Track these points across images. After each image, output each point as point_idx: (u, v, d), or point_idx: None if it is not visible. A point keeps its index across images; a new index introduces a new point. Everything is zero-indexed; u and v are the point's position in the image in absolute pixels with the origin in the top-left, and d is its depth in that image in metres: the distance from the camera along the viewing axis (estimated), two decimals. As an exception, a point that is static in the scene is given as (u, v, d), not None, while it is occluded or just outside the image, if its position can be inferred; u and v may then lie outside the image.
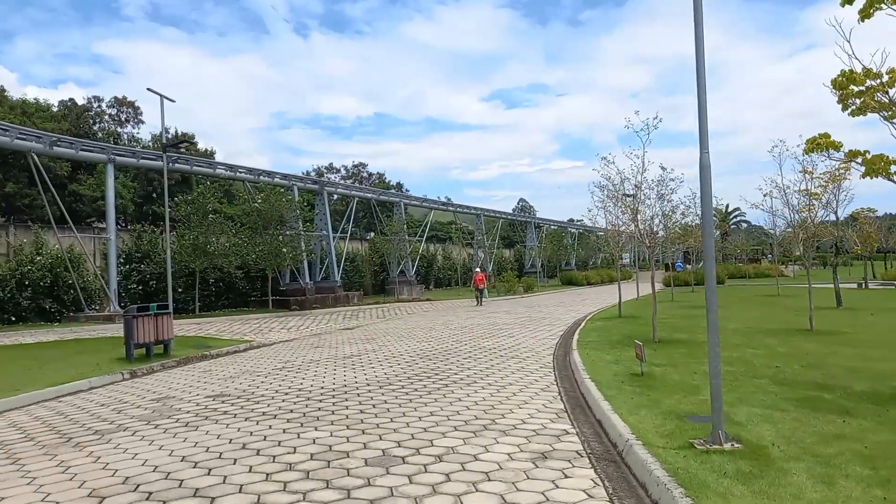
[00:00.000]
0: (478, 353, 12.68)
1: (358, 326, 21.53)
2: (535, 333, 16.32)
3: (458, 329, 18.13)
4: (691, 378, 8.64)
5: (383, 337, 16.92)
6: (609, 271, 63.67)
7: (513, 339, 15.15)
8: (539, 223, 64.21)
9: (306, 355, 13.60)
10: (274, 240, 26.53)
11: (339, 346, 15.28)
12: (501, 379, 9.55)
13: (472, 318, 22.39)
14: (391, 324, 21.59)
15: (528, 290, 42.72)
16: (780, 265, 62.65)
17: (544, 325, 18.48)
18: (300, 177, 31.58)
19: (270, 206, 26.68)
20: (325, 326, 21.93)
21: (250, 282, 30.03)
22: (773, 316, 18.47)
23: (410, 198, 42.80)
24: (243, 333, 19.91)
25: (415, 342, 15.13)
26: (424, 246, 47.74)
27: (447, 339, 15.61)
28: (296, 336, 19.06)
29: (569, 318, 21.26)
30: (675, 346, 11.92)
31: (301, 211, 30.42)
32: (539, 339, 14.87)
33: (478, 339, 15.18)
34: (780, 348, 11.60)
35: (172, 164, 25.60)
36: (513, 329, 17.62)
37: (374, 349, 14.05)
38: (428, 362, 11.55)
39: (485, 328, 18.14)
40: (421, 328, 19.05)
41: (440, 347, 13.80)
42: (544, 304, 29.09)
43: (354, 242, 41.05)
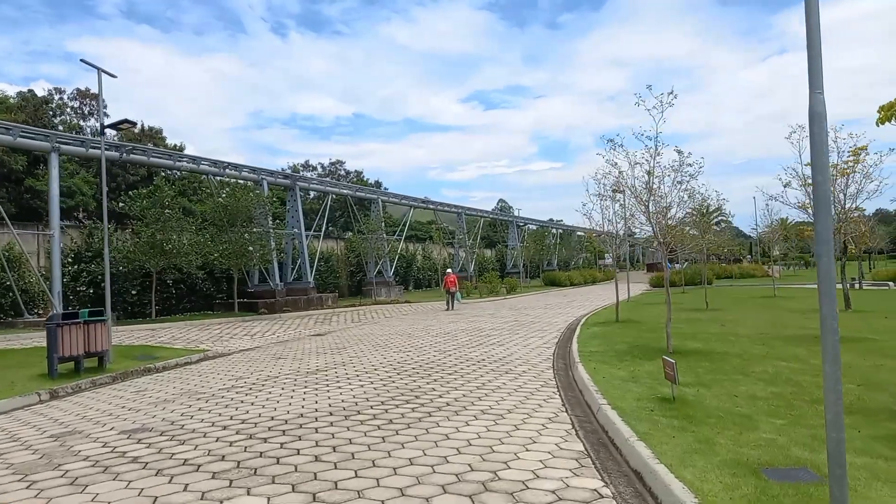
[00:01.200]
0: (465, 366, 10.89)
1: (330, 332, 19.60)
2: (526, 341, 14.58)
3: (441, 335, 16.32)
4: (734, 403, 6.94)
5: (356, 345, 15.03)
6: (592, 272, 62.43)
7: (503, 347, 13.38)
8: (521, 223, 62.69)
9: (264, 369, 11.67)
10: (240, 238, 24.43)
11: (304, 356, 13.36)
12: (497, 403, 7.76)
13: (455, 322, 20.59)
14: (366, 329, 19.70)
15: (510, 291, 41.07)
16: (764, 265, 62.01)
17: (535, 331, 16.75)
18: (270, 171, 29.49)
19: (236, 201, 24.58)
20: (294, 332, 19.95)
21: (215, 283, 27.87)
22: (783, 320, 16.98)
23: (388, 195, 40.82)
24: (200, 341, 17.85)
25: (392, 352, 13.28)
26: (403, 245, 45.83)
27: (429, 347, 13.79)
28: (259, 344, 17.08)
29: (560, 322, 19.58)
30: (695, 358, 10.25)
31: (271, 207, 28.33)
32: (532, 349, 13.13)
33: (463, 348, 13.38)
34: (815, 360, 9.99)
35: (127, 154, 23.38)
36: (501, 335, 15.86)
37: (345, 361, 12.16)
38: (407, 379, 9.72)
39: (470, 334, 16.36)
40: (399, 334, 17.20)
41: (421, 359, 11.97)
42: (530, 307, 27.41)
43: (329, 241, 39.00)
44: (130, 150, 23.47)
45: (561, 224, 76.15)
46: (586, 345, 12.56)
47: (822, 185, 3.75)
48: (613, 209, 16.99)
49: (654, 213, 10.87)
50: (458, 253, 50.72)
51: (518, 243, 59.52)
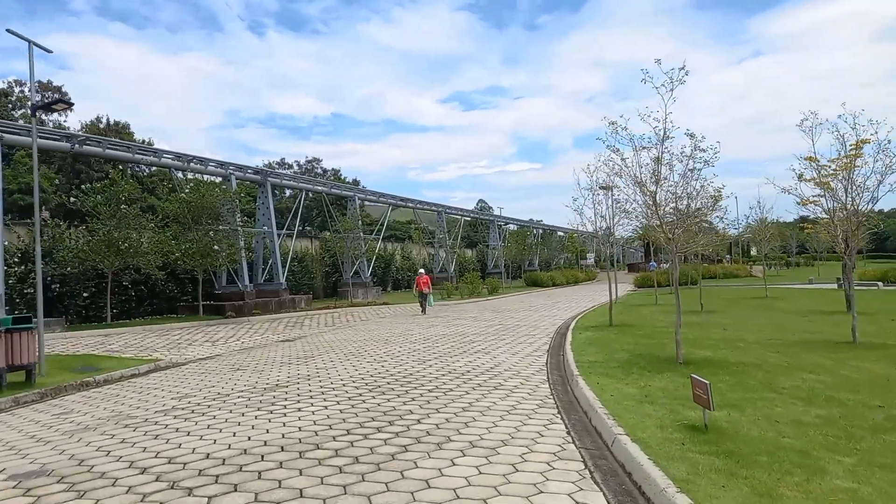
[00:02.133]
0: (448, 380, 9.50)
1: (300, 337, 18.07)
2: (514, 348, 13.25)
3: (420, 342, 14.92)
4: (778, 432, 5.66)
5: (327, 353, 13.56)
6: (574, 272, 61.49)
7: (489, 356, 12.02)
8: (502, 222, 61.51)
9: (217, 384, 10.16)
10: (204, 237, 22.75)
11: (267, 367, 11.86)
12: (488, 431, 6.39)
13: (435, 326, 19.19)
14: (340, 334, 18.21)
15: (492, 292, 39.79)
16: (746, 265, 61.67)
17: (522, 336, 15.43)
18: (239, 165, 27.78)
19: (200, 197, 22.89)
20: (260, 338, 18.38)
21: (179, 285, 26.09)
22: (784, 323, 15.90)
23: (366, 192, 39.20)
24: (154, 349, 16.22)
25: (365, 362, 11.83)
26: (382, 245, 44.31)
27: (406, 356, 12.38)
28: (220, 351, 15.52)
29: (547, 325, 18.30)
30: (710, 369, 8.99)
31: (240, 203, 26.66)
32: (522, 357, 11.79)
33: (445, 357, 12.00)
34: (843, 370, 8.83)
35: (79, 145, 21.56)
36: (486, 341, 14.51)
37: (311, 373, 10.69)
38: (380, 397, 8.30)
39: (452, 340, 14.98)
40: (374, 340, 15.75)
41: (398, 371, 10.55)
42: (514, 308, 26.13)
43: (304, 241, 37.32)
44: (83, 141, 21.65)
45: (542, 224, 75.20)
46: (582, 353, 11.25)
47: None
48: (607, 204, 15.77)
49: (660, 205, 9.59)
50: (437, 253, 49.33)
51: (499, 243, 58.32)
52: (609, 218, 15.89)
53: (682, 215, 9.55)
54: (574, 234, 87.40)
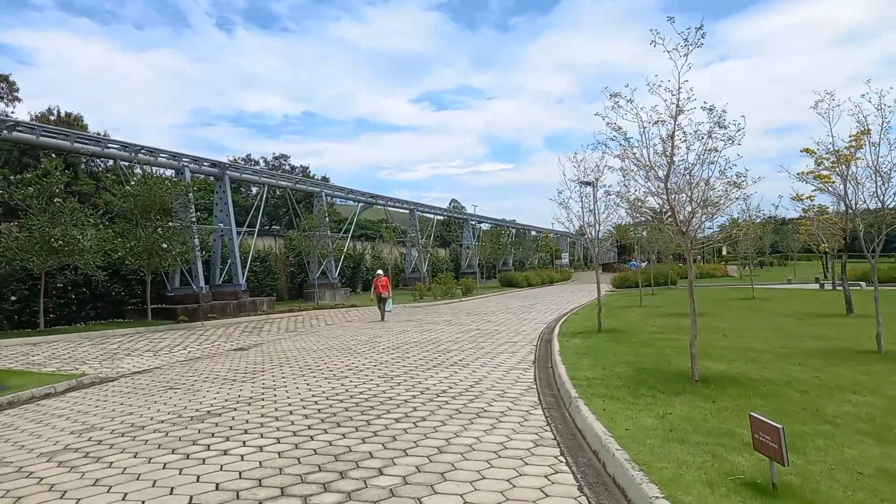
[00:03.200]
0: (419, 403, 7.83)
1: (255, 345, 16.20)
2: (495, 358, 11.64)
3: (388, 351, 13.21)
4: (871, 492, 4.14)
5: (280, 366, 11.75)
6: (549, 272, 60.35)
7: (467, 370, 10.38)
8: (477, 220, 60.02)
9: (137, 410, 8.30)
10: (151, 233, 20.63)
11: (206, 385, 10.02)
12: (473, 488, 4.74)
13: (406, 332, 17.49)
14: (299, 341, 16.38)
15: (466, 292, 38.23)
16: (721, 264, 61.34)
17: (503, 344, 13.84)
18: (195, 157, 25.62)
19: (147, 190, 20.76)
20: (210, 346, 16.45)
21: (127, 286, 23.89)
22: (785, 327, 14.62)
23: (333, 188, 37.16)
24: (84, 360, 14.20)
25: (323, 378, 10.08)
26: (351, 244, 42.37)
27: (371, 370, 10.66)
28: (160, 363, 13.58)
29: (529, 330, 16.76)
30: (735, 389, 7.50)
31: (194, 197, 24.56)
32: (506, 371, 10.18)
33: (416, 372, 10.32)
34: (888, 389, 7.43)
35: (8, 131, 19.28)
36: (463, 351, 12.87)
37: (254, 395, 8.90)
38: (333, 432, 6.59)
39: (424, 349, 13.30)
40: (337, 350, 13.99)
41: (360, 391, 8.84)
42: (491, 311, 24.56)
43: (267, 239, 35.22)
44: (12, 127, 19.36)
45: (516, 224, 73.99)
46: (576, 366, 9.68)
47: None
48: (596, 196, 14.25)
49: (673, 192, 8.05)
50: (410, 252, 47.55)
51: (473, 242, 56.82)
52: (597, 213, 14.39)
53: (697, 206, 8.02)
54: (549, 233, 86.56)
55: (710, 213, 8.15)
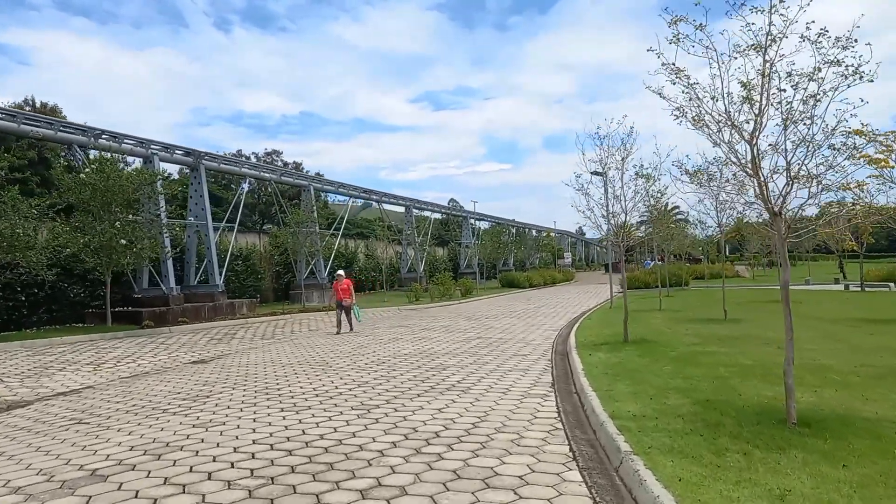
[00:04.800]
0: (400, 459, 5.45)
1: (219, 357, 13.83)
2: (503, 379, 9.27)
3: (371, 367, 10.82)
4: None
5: (233, 388, 9.36)
6: (551, 272, 58.02)
7: (468, 397, 8.00)
8: (477, 217, 57.64)
9: (17, 462, 5.91)
10: (109, 228, 18.23)
11: (123, 419, 7.63)
12: None
13: (397, 340, 15.12)
14: (271, 352, 14.00)
15: (466, 293, 35.87)
16: (730, 264, 59.07)
17: (511, 358, 11.46)
18: (166, 144, 23.19)
19: (105, 179, 18.35)
20: (167, 357, 14.06)
21: (88, 287, 21.48)
22: (853, 339, 12.25)
23: (323, 181, 34.65)
24: (6, 376, 11.81)
25: (276, 411, 7.69)
26: (343, 242, 39.98)
27: (344, 397, 8.27)
28: (95, 381, 11.22)
29: (538, 339, 14.39)
30: (860, 441, 5.13)
31: (165, 188, 22.17)
32: (519, 400, 7.80)
33: (402, 400, 7.94)
34: None
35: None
36: (462, 367, 10.49)
37: (175, 441, 6.50)
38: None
39: (415, 365, 10.92)
40: (311, 364, 11.60)
41: (320, 433, 6.45)
42: (493, 314, 22.19)
43: (251, 236, 32.82)
44: (-52, 105, 16.96)
45: (518, 222, 71.68)
46: (611, 394, 7.30)
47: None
48: (623, 181, 11.81)
49: (763, 157, 5.66)
50: (406, 251, 45.15)
51: (472, 241, 54.52)
52: (623, 199, 11.96)
53: (804, 178, 5.60)
54: (551, 231, 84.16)
55: (819, 182, 5.72)
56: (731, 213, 16.40)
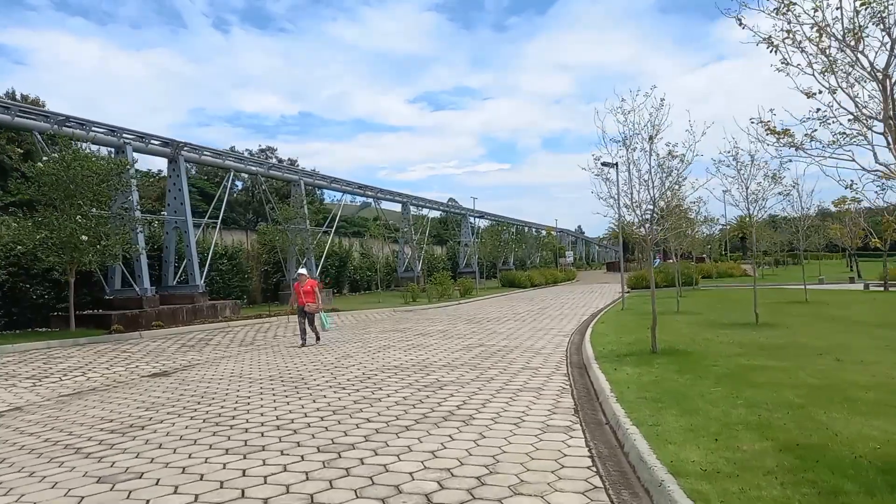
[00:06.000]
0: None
1: (184, 368, 12.06)
2: (513, 403, 7.49)
3: (353, 385, 9.03)
4: None
5: (177, 417, 7.57)
6: (553, 271, 56.26)
7: (471, 431, 6.22)
8: (477, 215, 55.82)
9: None
10: (69, 223, 16.42)
11: (22, 461, 5.84)
12: None
13: (388, 348, 13.34)
14: (243, 363, 12.22)
15: (465, 293, 34.09)
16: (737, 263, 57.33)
17: (520, 373, 9.68)
18: (141, 133, 21.37)
19: (65, 168, 16.55)
20: (123, 370, 12.27)
21: (54, 288, 19.67)
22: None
23: (314, 175, 32.78)
24: (-78, 396, 10.00)
25: (218, 455, 5.90)
26: (337, 240, 38.20)
27: (312, 430, 6.49)
28: (30, 400, 9.45)
29: (548, 346, 12.62)
30: None
31: (138, 180, 20.37)
32: (537, 437, 6.02)
33: (386, 435, 6.16)
34: None
35: None
36: (463, 386, 8.71)
37: (74, 503, 4.72)
38: None
39: (407, 382, 9.14)
40: (282, 380, 9.82)
41: (273, 494, 4.66)
42: (495, 317, 20.42)
43: (237, 233, 31.00)
44: None
45: (520, 220, 69.90)
46: (659, 431, 5.51)
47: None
48: (650, 160, 9.99)
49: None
50: (403, 250, 43.35)
51: (472, 239, 52.73)
52: (651, 185, 10.14)
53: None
54: (552, 230, 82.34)
55: None
56: (761, 205, 14.65)
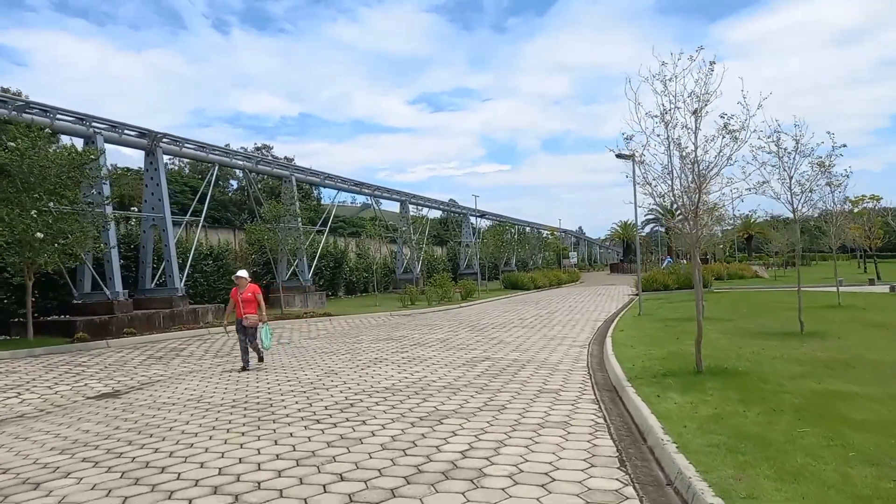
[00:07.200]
0: None
1: (140, 387, 10.29)
2: (535, 450, 5.69)
3: (330, 416, 7.23)
4: None
5: (93, 466, 5.77)
6: (556, 272, 54.43)
7: (481, 497, 4.41)
8: (479, 214, 54.00)
9: None
10: (22, 218, 14.61)
11: None
12: None
13: (378, 363, 11.53)
14: (212, 382, 10.42)
15: (466, 296, 32.31)
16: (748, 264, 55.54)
17: (536, 399, 7.89)
18: (115, 123, 19.54)
19: (19, 157, 14.75)
20: (67, 389, 10.48)
21: (16, 292, 17.85)
22: None
23: (306, 171, 30.90)
24: None
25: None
26: (332, 240, 36.40)
27: (270, 493, 4.69)
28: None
29: (567, 362, 10.82)
30: None
31: (107, 173, 18.60)
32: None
33: (364, 501, 4.37)
34: None
35: None
36: (467, 418, 6.91)
37: None
38: None
39: (397, 412, 7.33)
40: (249, 406, 8.01)
41: None
42: (499, 323, 18.62)
43: (224, 232, 29.20)
44: None
45: (523, 221, 68.07)
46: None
47: None
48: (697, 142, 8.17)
49: None
50: (401, 250, 41.55)
51: (473, 239, 50.91)
52: (697, 167, 8.30)
53: None
54: (555, 230, 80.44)
55: None
56: (808, 198, 12.84)
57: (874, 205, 37.11)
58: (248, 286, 11.56)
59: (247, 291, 11.44)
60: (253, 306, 11.40)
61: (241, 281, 11.56)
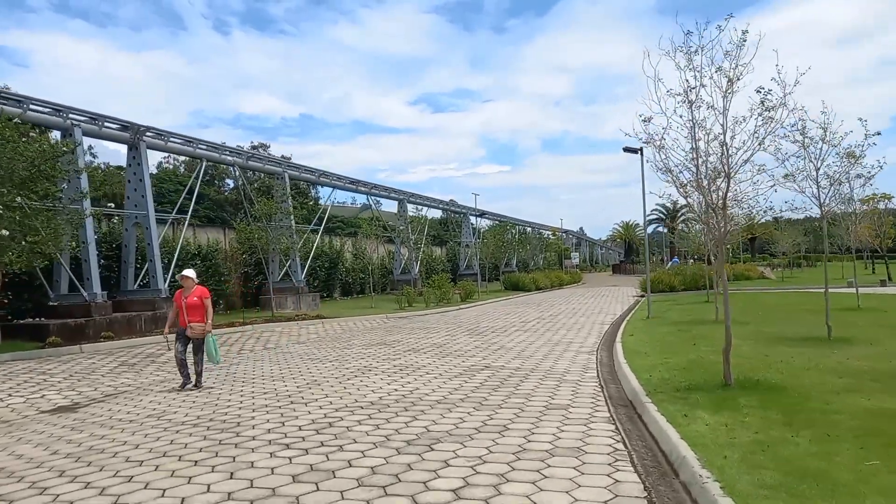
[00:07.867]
0: None
1: (102, 399, 9.29)
2: (545, 486, 4.64)
3: (304, 439, 6.20)
4: None
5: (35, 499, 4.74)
6: (558, 273, 53.42)
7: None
8: (479, 213, 52.95)
9: None
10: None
11: None
12: None
13: (367, 372, 10.50)
14: (184, 392, 9.37)
15: (466, 297, 31.32)
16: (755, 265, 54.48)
17: (543, 417, 6.86)
18: (94, 115, 18.54)
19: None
20: (20, 402, 9.46)
21: (-13, 293, 16.84)
22: None
23: (300, 168, 29.83)
24: None
25: None
26: (327, 239, 35.38)
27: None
28: None
29: (574, 371, 9.79)
30: None
31: (82, 166, 17.58)
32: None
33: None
34: None
35: None
36: (463, 443, 5.87)
37: None
38: None
39: (382, 433, 6.30)
40: (216, 425, 6.98)
41: None
42: (500, 327, 17.59)
43: (213, 231, 28.15)
44: None
45: (525, 221, 67.03)
46: None
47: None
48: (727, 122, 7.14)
49: None
50: (399, 250, 40.51)
51: (473, 239, 49.89)
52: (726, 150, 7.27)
53: None
54: (557, 230, 79.44)
55: None
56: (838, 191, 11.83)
57: (885, 204, 36.07)
58: (195, 289, 9.77)
59: (192, 295, 9.65)
60: (200, 313, 9.59)
61: (187, 282, 9.79)
